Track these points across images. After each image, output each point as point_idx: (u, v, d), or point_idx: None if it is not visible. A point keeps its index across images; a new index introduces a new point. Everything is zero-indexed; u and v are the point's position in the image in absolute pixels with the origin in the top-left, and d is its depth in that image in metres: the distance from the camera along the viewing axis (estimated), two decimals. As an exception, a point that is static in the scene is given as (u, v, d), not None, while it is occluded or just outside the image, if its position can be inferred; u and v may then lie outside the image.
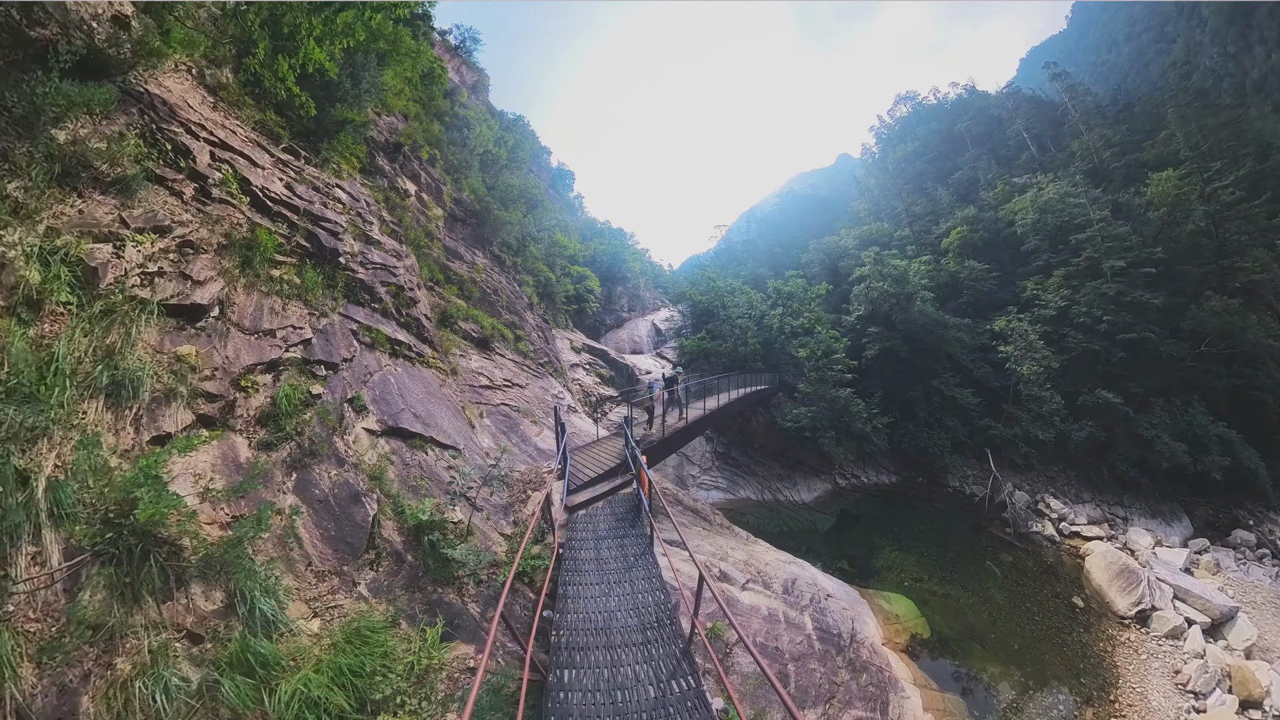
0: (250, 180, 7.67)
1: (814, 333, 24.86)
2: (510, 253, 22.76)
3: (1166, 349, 22.26)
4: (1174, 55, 74.23)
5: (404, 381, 9.17)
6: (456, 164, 20.17)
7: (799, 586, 11.30)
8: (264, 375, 6.39)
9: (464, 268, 16.74)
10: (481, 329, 14.95)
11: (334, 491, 6.18)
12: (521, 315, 18.77)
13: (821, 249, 37.39)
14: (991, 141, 51.49)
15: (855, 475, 22.68)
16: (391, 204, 13.47)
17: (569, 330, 30.17)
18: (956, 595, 14.29)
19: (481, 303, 16.65)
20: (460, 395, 11.34)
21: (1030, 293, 26.56)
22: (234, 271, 6.55)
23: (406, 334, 10.26)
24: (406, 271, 11.19)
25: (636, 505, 8.53)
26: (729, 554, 11.16)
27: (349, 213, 10.07)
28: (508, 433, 12.06)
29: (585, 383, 24.04)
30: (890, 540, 17.42)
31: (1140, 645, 12.45)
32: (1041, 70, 63.47)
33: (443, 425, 9.13)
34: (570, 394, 19.60)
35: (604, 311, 39.47)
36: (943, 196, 41.25)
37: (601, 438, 13.06)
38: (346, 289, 9.03)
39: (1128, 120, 46.03)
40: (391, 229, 12.19)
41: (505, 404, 13.28)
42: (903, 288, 25.20)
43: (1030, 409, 21.84)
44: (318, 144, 10.43)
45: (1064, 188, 30.94)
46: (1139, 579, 14.06)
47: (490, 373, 13.98)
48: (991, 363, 24.66)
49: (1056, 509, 19.31)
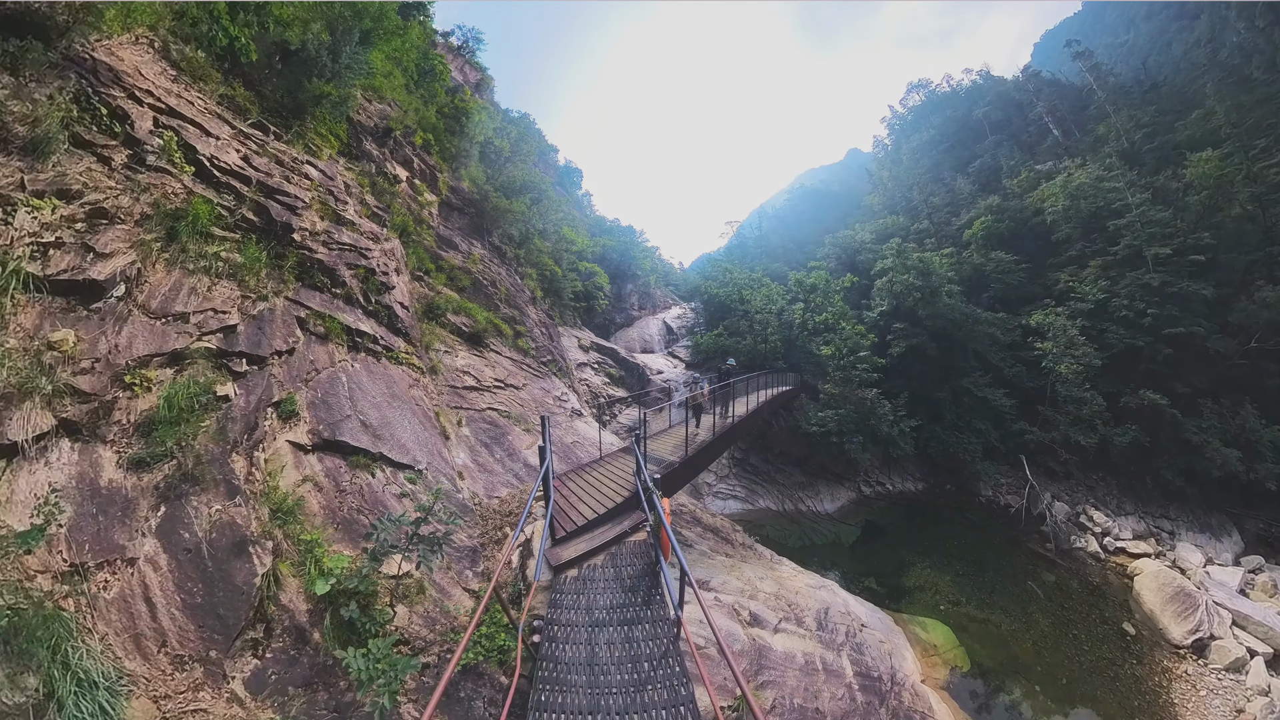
0: (197, 149, 6.71)
1: (837, 329, 23.08)
2: (512, 244, 21.42)
3: (1214, 345, 20.10)
4: (1198, 32, 70.23)
5: (360, 381, 7.83)
6: (454, 153, 19.05)
7: (832, 617, 10.01)
8: (162, 370, 5.14)
9: (458, 257, 15.44)
10: (474, 323, 13.60)
11: (211, 536, 4.54)
12: (523, 310, 17.48)
13: (837, 243, 35.51)
14: (1011, 127, 48.61)
15: (880, 483, 21.09)
16: (379, 189, 12.37)
17: (577, 328, 28.65)
18: (997, 621, 12.89)
19: (476, 294, 15.34)
20: (436, 398, 9.91)
21: (1064, 285, 24.43)
22: (153, 245, 5.58)
23: (374, 324, 8.96)
24: (384, 255, 9.85)
25: (653, 564, 5.93)
26: (757, 587, 9.79)
27: (317, 190, 9.01)
28: (491, 445, 10.28)
29: (593, 383, 22.88)
30: (921, 556, 15.93)
31: (1199, 679, 11.05)
32: (1063, 50, 60.12)
33: (401, 437, 7.71)
34: (576, 395, 18.17)
35: (613, 309, 38.03)
36: (963, 186, 38.92)
37: (608, 453, 10.85)
38: (300, 270, 7.81)
39: (1155, 101, 43.07)
40: (374, 213, 11.08)
41: (493, 408, 11.55)
42: (928, 281, 23.29)
43: (1068, 411, 19.98)
44: (291, 120, 9.47)
45: (1096, 171, 28.64)
46: (1196, 604, 12.56)
47: (479, 371, 12.38)
48: (1024, 361, 22.72)
49: (1100, 522, 17.50)
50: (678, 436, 11.18)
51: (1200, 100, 36.64)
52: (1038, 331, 21.84)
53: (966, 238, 30.53)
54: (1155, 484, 18.71)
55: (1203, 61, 52.11)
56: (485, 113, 23.56)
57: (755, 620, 8.11)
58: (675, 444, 10.71)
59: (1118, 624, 12.85)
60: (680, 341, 35.67)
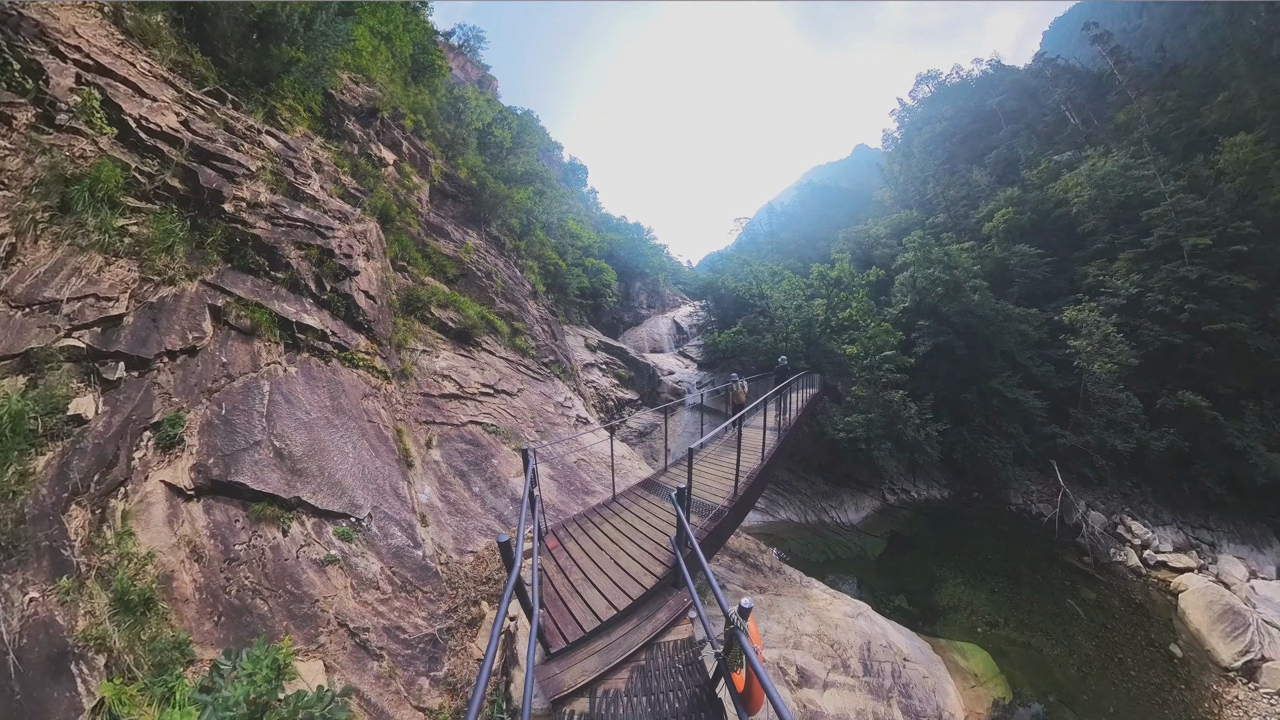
0: (124, 109, 5.72)
1: (862, 326, 21.54)
2: (512, 235, 20.09)
3: (1255, 343, 18.79)
4: (1214, 15, 67.70)
5: (290, 391, 6.18)
6: (450, 140, 17.89)
7: (875, 654, 9.13)
8: (12, 377, 3.88)
9: (449, 246, 14.27)
10: (463, 318, 12.10)
11: (20, 643, 2.98)
12: (522, 305, 16.06)
13: (851, 239, 34.21)
14: (1027, 116, 46.69)
15: (905, 490, 19.98)
16: (360, 171, 11.42)
17: (583, 327, 27.40)
18: (1039, 644, 11.95)
19: (468, 287, 14.07)
20: (402, 410, 8.24)
21: (1093, 279, 23.07)
22: (37, 215, 4.59)
23: (325, 317, 7.44)
24: (350, 237, 8.54)
25: (708, 687, 3.54)
26: (798, 629, 8.81)
27: (272, 160, 7.88)
28: (469, 473, 8.19)
29: (601, 385, 21.69)
30: (952, 571, 14.93)
31: (1250, 705, 10.23)
32: (1075, 37, 57.91)
33: (335, 470, 5.88)
34: (582, 399, 16.70)
35: (621, 308, 36.94)
36: (979, 178, 37.31)
37: (625, 489, 7.87)
38: (229, 248, 6.48)
39: (1177, 85, 41.20)
40: (350, 193, 10.08)
41: (476, 422, 9.55)
42: (952, 275, 21.95)
43: (1101, 414, 18.72)
44: (255, 90, 8.62)
45: (1123, 159, 27.11)
46: (1246, 623, 11.67)
47: (462, 375, 10.55)
48: (1053, 360, 21.47)
49: (1139, 533, 16.34)
50: (719, 462, 8.81)
51: (1224, 83, 34.92)
52: (1070, 328, 20.60)
53: (986, 231, 29.13)
54: (1194, 492, 17.55)
55: (1221, 44, 50.03)
56: (484, 99, 22.35)
57: (804, 678, 7.15)
58: (717, 472, 8.29)
59: (1164, 646, 11.96)
60: (691, 341, 34.54)
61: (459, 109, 19.43)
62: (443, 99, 19.08)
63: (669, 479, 7.87)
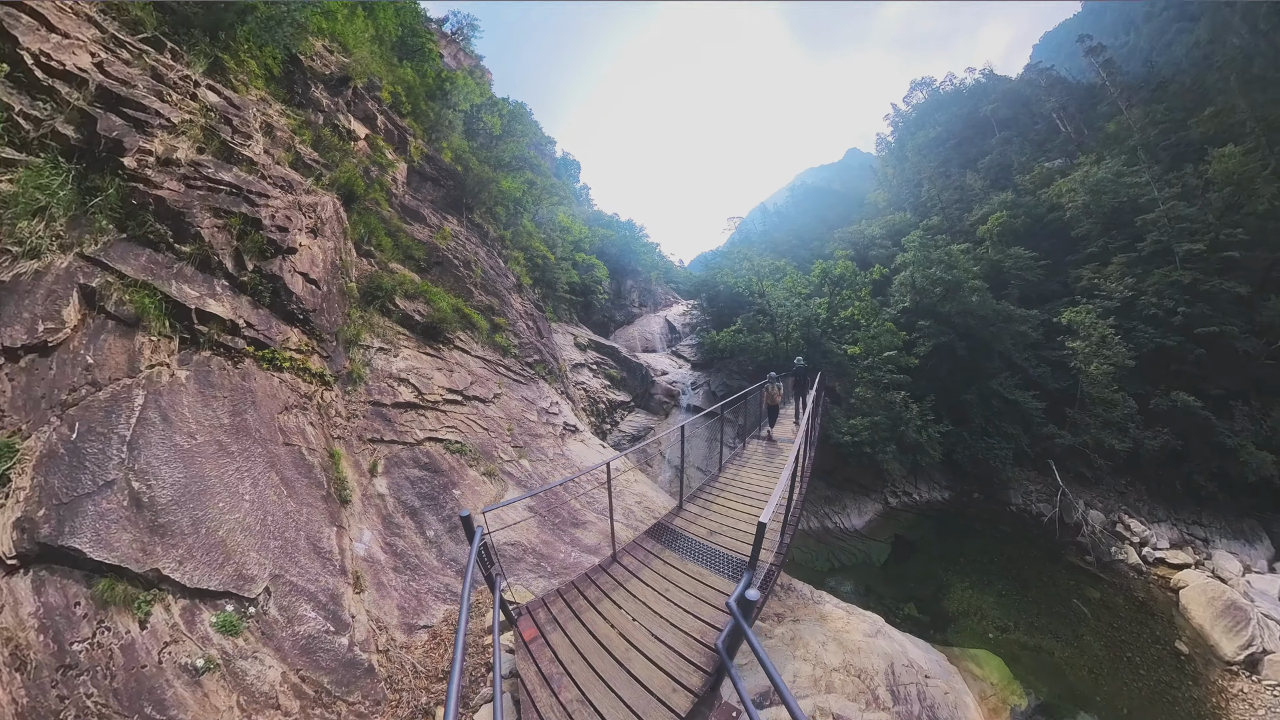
0: (20, 41, 5.10)
1: (864, 326, 21.73)
2: (497, 224, 19.48)
3: (1243, 345, 19.80)
4: (1197, 34, 71.67)
5: (170, 405, 4.80)
6: (434, 120, 17.30)
7: (900, 677, 9.08)
8: None
9: (423, 231, 13.44)
10: (433, 310, 11.02)
11: None
12: (504, 298, 15.17)
13: (846, 239, 34.86)
14: (1019, 124, 48.61)
15: (906, 493, 20.20)
16: (324, 143, 10.71)
17: (573, 324, 27.37)
18: (1049, 647, 12.17)
19: (442, 276, 13.13)
20: (342, 426, 6.85)
21: (1086, 282, 23.95)
22: None
23: (242, 304, 6.24)
24: (291, 208, 7.45)
25: None
26: (825, 663, 8.63)
27: (205, 115, 7.00)
28: (422, 510, 6.77)
29: (592, 387, 21.36)
30: (958, 575, 15.14)
31: (1255, 698, 10.60)
32: (1064, 49, 60.40)
33: (218, 523, 4.39)
34: (570, 403, 15.91)
35: (613, 305, 36.91)
36: (973, 182, 38.54)
37: (625, 542, 6.16)
38: (124, 213, 5.43)
39: (1164, 99, 43.33)
40: (306, 163, 9.34)
41: (436, 438, 8.10)
42: (953, 275, 22.46)
43: (1098, 414, 19.34)
44: (201, 40, 7.96)
45: (1116, 166, 28.25)
46: (1247, 618, 12.08)
47: (424, 379, 9.15)
48: (1049, 361, 22.14)
49: (1137, 531, 16.88)
50: (746, 488, 7.40)
51: (1211, 98, 36.75)
52: (1068, 330, 21.26)
53: (981, 233, 29.97)
54: (1186, 489, 18.31)
55: (1204, 61, 53.02)
56: (473, 83, 21.97)
57: (839, 723, 6.86)
58: (746, 505, 6.81)
59: (1170, 643, 12.32)
60: (684, 340, 34.59)
61: (445, 89, 19.00)
62: (430, 80, 18.62)
63: (687, 522, 6.29)
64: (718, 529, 6.07)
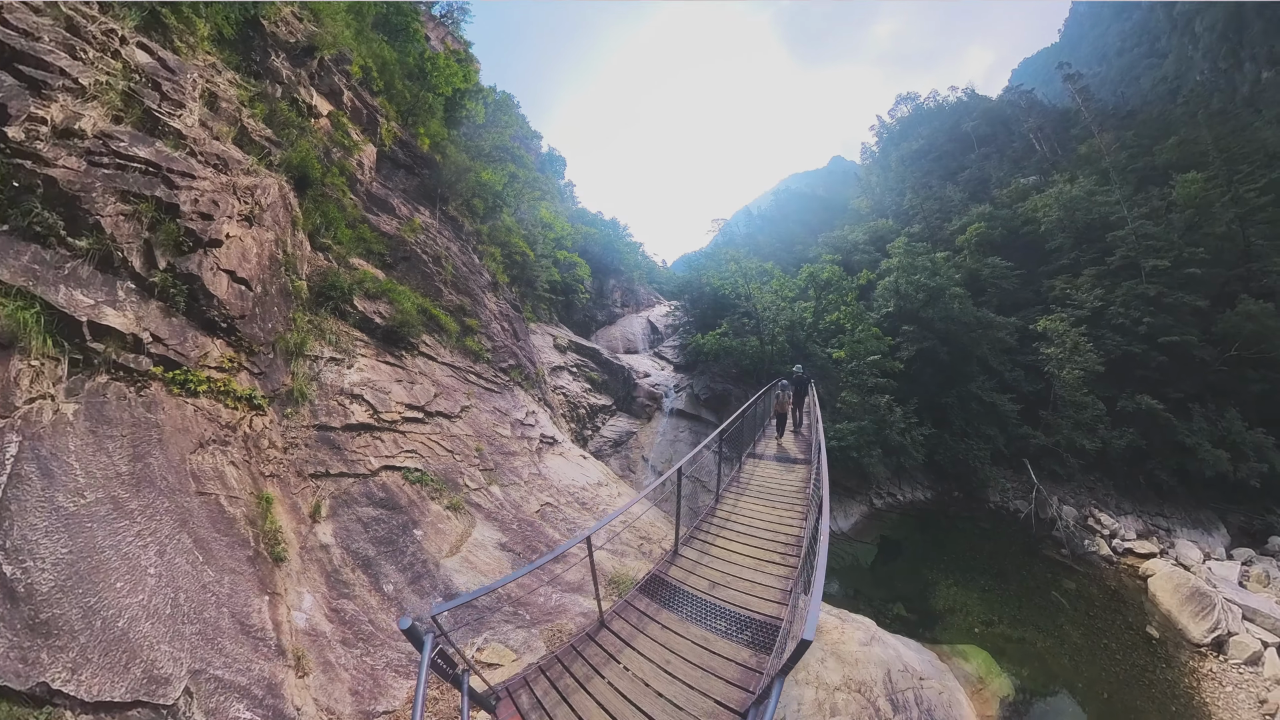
0: None
1: (849, 330, 22.50)
2: (473, 217, 18.74)
3: (1200, 353, 21.85)
4: (1164, 69, 78.18)
5: (55, 452, 3.89)
6: (412, 103, 16.56)
7: (896, 683, 9.26)
8: None
9: (390, 223, 12.56)
10: (396, 312, 10.10)
11: None
12: (477, 298, 14.40)
13: (830, 243, 36.26)
14: (998, 141, 51.93)
15: (891, 494, 20.96)
16: (279, 119, 9.84)
17: (553, 325, 27.07)
18: (1032, 638, 12.94)
19: (409, 273, 12.23)
20: (273, 461, 5.90)
21: (1059, 292, 25.78)
22: None
23: (151, 313, 5.23)
24: (219, 191, 6.54)
25: None
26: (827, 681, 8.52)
27: (130, 78, 6.21)
28: (378, 559, 5.90)
29: (572, 391, 20.83)
30: (942, 573, 15.86)
31: (1223, 676, 11.62)
32: (1041, 76, 64.52)
33: (119, 610, 3.59)
34: (549, 410, 15.41)
35: (595, 305, 36.97)
36: (952, 194, 40.86)
37: (616, 603, 5.18)
38: (4, 198, 4.57)
39: (1133, 126, 46.85)
40: (255, 141, 8.60)
41: (393, 466, 7.23)
42: (936, 281, 23.76)
43: (1069, 415, 20.81)
44: None
45: (1089, 185, 30.40)
46: (1212, 602, 13.17)
47: (381, 395, 8.14)
48: (1023, 365, 23.63)
49: (1107, 524, 18.20)
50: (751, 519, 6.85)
51: (1174, 128, 40.00)
52: (1042, 337, 22.76)
53: (960, 243, 31.71)
54: (1149, 484, 20.03)
55: (1170, 95, 57.86)
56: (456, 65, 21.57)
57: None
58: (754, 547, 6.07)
59: (1142, 629, 13.27)
60: (666, 341, 34.91)
61: (426, 70, 18.32)
62: (411, 60, 18.00)
63: (685, 572, 5.55)
64: (720, 579, 5.33)
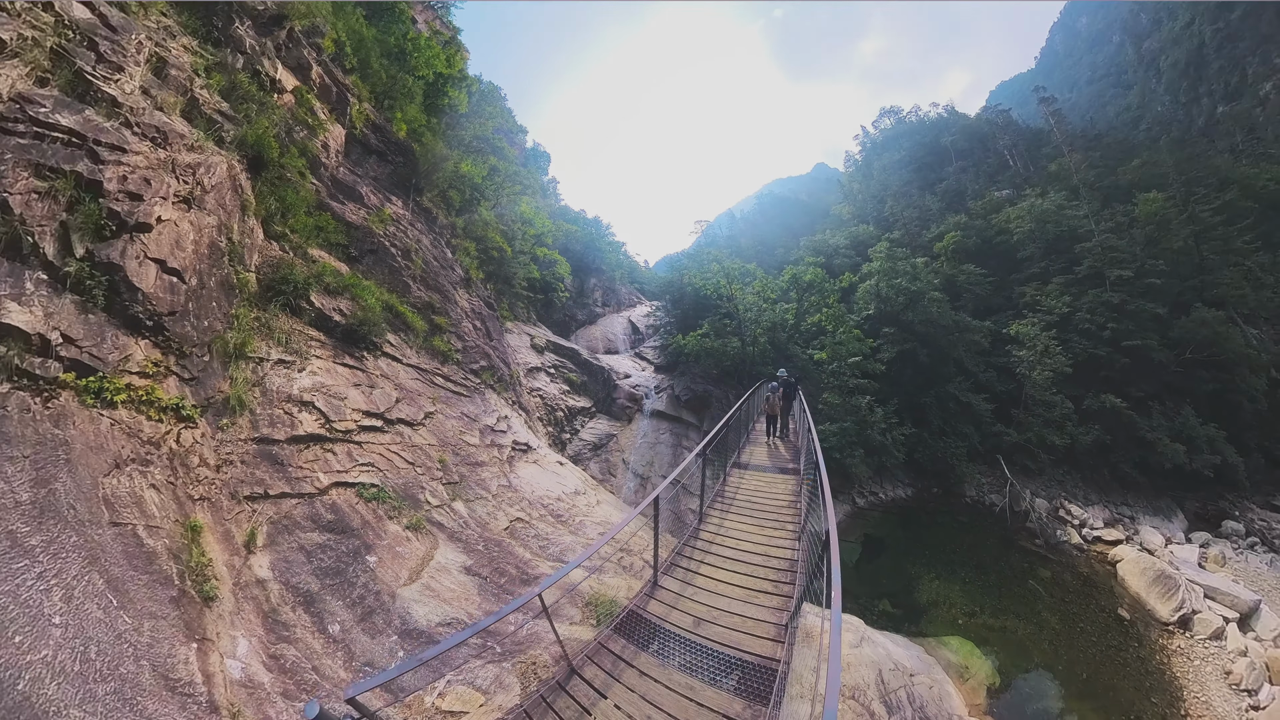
0: None
1: (830, 332, 23.26)
2: (448, 209, 18.32)
3: (1158, 356, 23.92)
4: (1129, 99, 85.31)
5: None
6: (388, 85, 16.13)
7: (888, 682, 9.34)
8: None
9: (357, 212, 12.00)
10: (359, 309, 9.57)
11: None
12: (448, 294, 14.00)
13: (812, 246, 37.59)
14: (975, 156, 55.31)
15: (873, 492, 21.79)
16: (238, 91, 9.32)
17: (531, 324, 27.00)
18: (1013, 627, 13.78)
19: (375, 267, 11.77)
20: (204, 482, 5.34)
21: (1029, 298, 27.63)
22: None
23: (64, 308, 4.78)
24: (152, 169, 5.95)
25: None
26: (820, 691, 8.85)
27: (59, 35, 5.77)
28: (323, 593, 5.38)
29: (549, 393, 20.55)
30: (925, 568, 16.62)
31: (1190, 651, 12.70)
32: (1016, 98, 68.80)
33: (14, 672, 3.14)
34: (525, 414, 15.04)
35: (575, 304, 36.99)
36: (931, 203, 43.12)
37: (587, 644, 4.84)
38: None
39: (1099, 148, 50.48)
40: (206, 115, 8.08)
41: (345, 482, 6.71)
42: (917, 285, 25.04)
43: (1039, 414, 22.35)
44: None
45: (1059, 200, 32.55)
46: (1176, 584, 14.33)
47: (334, 401, 7.56)
48: (996, 367, 25.20)
49: (1077, 514, 19.54)
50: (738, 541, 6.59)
51: (1137, 151, 43.41)
52: (1014, 340, 24.42)
53: (937, 249, 33.52)
54: (1113, 476, 21.86)
55: (1133, 123, 63.07)
56: (439, 46, 20.10)
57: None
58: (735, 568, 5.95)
59: (1113, 611, 14.34)
60: (647, 342, 35.26)
61: (406, 51, 17.65)
62: (392, 40, 17.49)
63: (666, 606, 5.20)
64: (706, 614, 4.95)
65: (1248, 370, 23.90)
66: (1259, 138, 50.72)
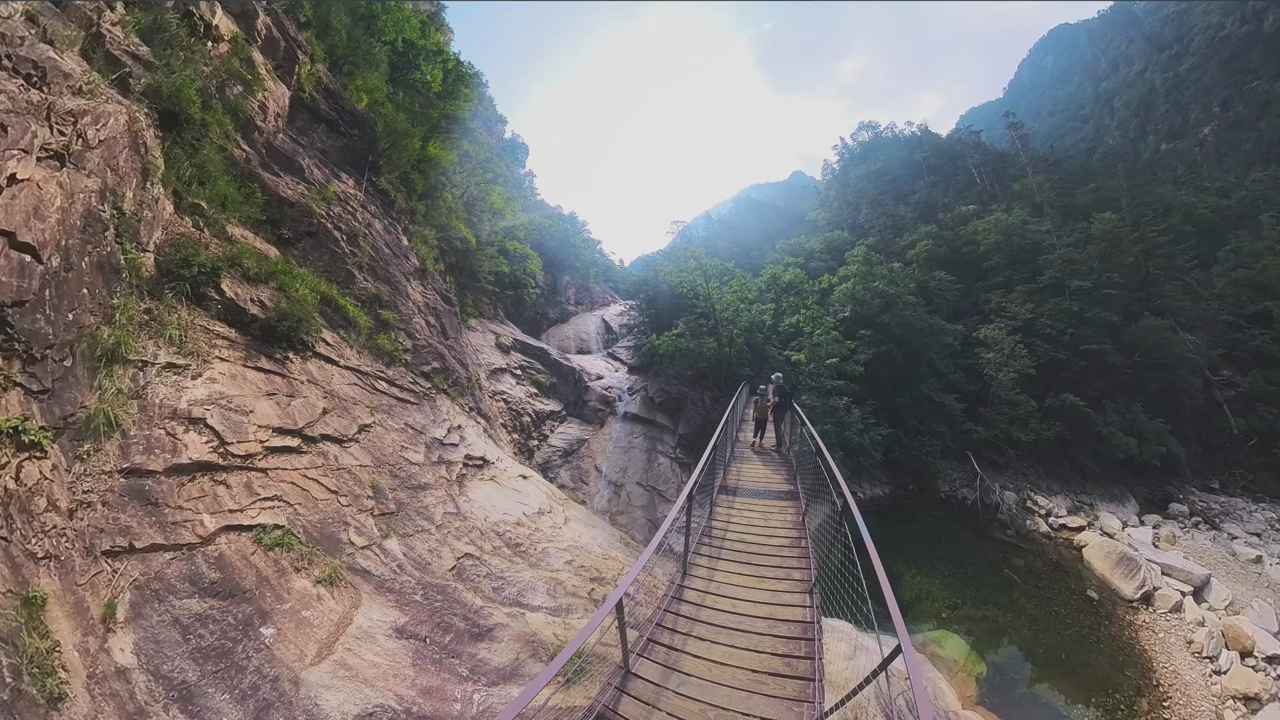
0: None
1: (808, 333, 24.20)
2: (408, 193, 17.38)
3: (1111, 359, 27.03)
4: (1085, 132, 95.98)
5: None
6: (348, 47, 15.21)
7: (885, 692, 10.07)
8: None
9: (295, 187, 10.96)
10: (285, 301, 8.46)
11: None
12: (399, 286, 13.05)
13: (789, 249, 39.60)
14: (945, 172, 60.74)
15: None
16: (162, 36, 8.46)
17: (497, 321, 26.70)
18: (994, 616, 14.86)
19: (312, 251, 10.73)
20: (40, 536, 4.10)
21: (994, 305, 30.52)
22: None
23: None
24: (19, 115, 4.90)
25: None
26: None
27: None
28: (203, 683, 4.27)
29: (515, 396, 19.90)
30: (906, 564, 17.43)
31: (1154, 625, 14.21)
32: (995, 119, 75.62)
33: None
34: (484, 420, 14.21)
35: (546, 302, 36.95)
36: (904, 213, 46.38)
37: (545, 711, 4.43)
38: None
39: (1059, 172, 56.10)
40: (118, 57, 7.31)
41: (239, 525, 5.53)
42: (894, 289, 26.90)
43: (1006, 412, 24.63)
44: None
45: (1022, 215, 36.07)
46: (1137, 564, 16.07)
47: (234, 417, 6.33)
48: (964, 368, 27.52)
49: (1043, 505, 21.64)
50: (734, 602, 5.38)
51: (1093, 176, 48.63)
52: (982, 343, 26.90)
53: (910, 256, 36.32)
54: (1073, 467, 24.46)
55: (1089, 152, 71.54)
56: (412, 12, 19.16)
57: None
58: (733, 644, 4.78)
59: (1083, 593, 15.85)
60: (621, 342, 35.62)
61: (374, 13, 16.57)
62: (362, 3, 16.40)
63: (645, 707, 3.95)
64: (699, 717, 3.87)
65: (1187, 371, 27.41)
66: (1196, 173, 60.42)
